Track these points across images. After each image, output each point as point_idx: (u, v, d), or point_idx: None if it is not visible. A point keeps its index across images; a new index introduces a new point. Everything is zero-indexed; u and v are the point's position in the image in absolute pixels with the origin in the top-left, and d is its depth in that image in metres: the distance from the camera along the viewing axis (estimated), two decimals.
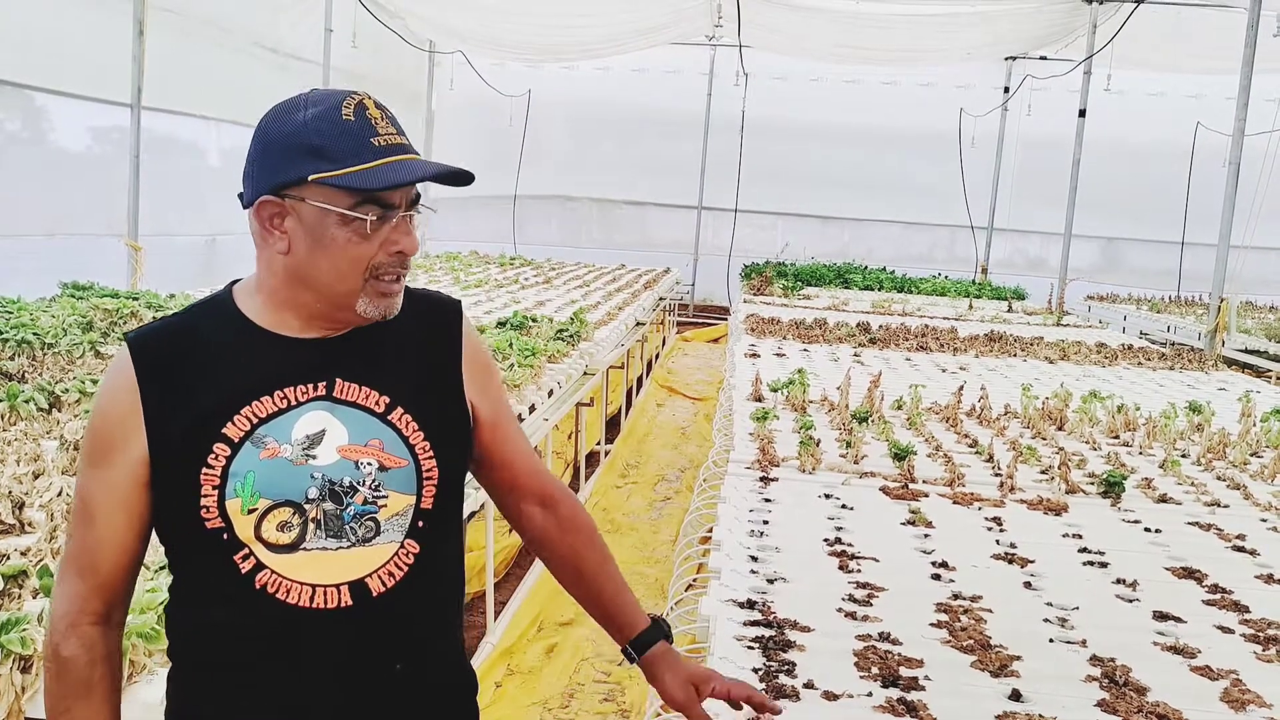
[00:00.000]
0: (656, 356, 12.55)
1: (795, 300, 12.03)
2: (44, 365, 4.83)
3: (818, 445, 4.40)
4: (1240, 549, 3.54)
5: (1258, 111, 9.30)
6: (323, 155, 1.44)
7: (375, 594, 1.48)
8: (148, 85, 8.79)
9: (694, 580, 3.39)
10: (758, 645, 2.47)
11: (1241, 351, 10.79)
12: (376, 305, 1.50)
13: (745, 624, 2.60)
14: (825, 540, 3.34)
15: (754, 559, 3.11)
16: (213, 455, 1.45)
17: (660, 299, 12.13)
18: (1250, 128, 9.19)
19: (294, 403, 1.49)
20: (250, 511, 1.45)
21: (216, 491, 1.44)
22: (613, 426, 8.76)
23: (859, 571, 3.07)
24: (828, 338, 8.60)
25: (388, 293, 1.50)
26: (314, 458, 1.47)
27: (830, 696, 2.24)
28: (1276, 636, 2.74)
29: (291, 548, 1.46)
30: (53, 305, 6.48)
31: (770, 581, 2.93)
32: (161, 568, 2.43)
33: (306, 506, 1.46)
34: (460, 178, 1.51)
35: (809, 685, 2.27)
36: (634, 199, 17.89)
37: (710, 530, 3.57)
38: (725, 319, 14.21)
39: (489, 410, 1.66)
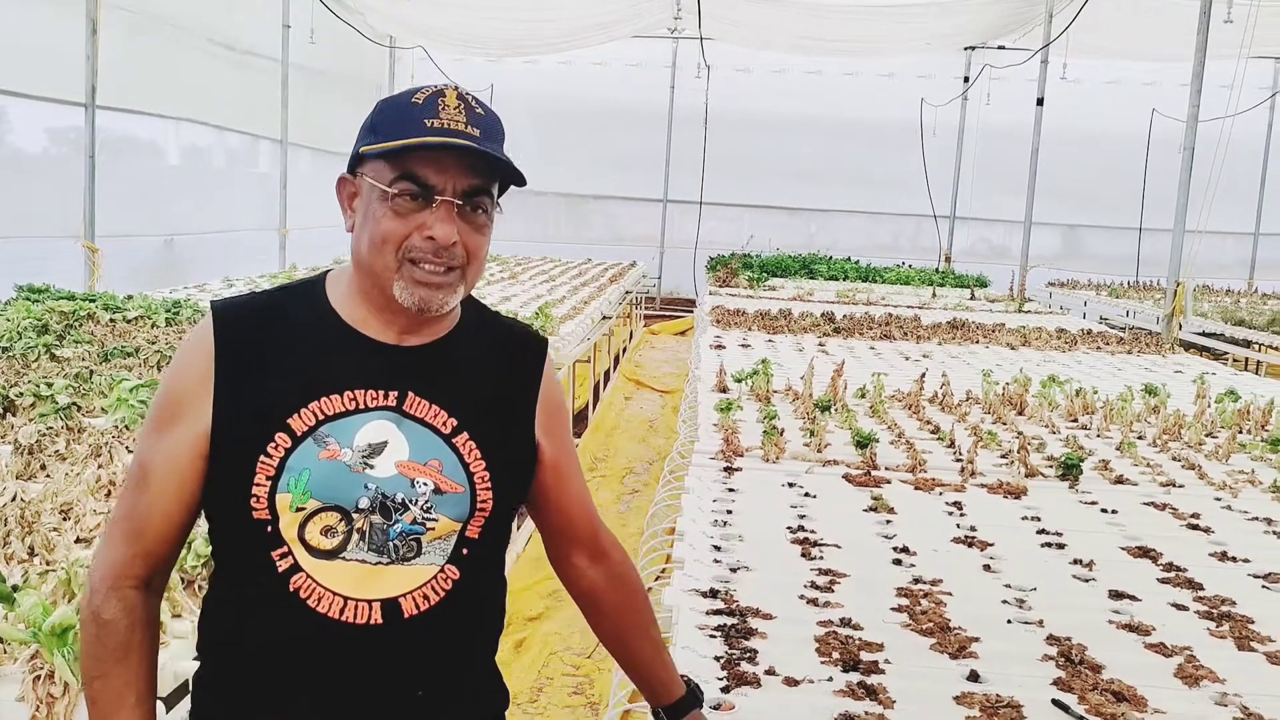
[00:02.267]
0: (624, 350, 12.56)
1: (761, 291, 12.08)
2: None
3: (781, 435, 4.43)
4: (1195, 527, 3.60)
5: (1211, 98, 9.40)
6: (376, 131, 1.45)
7: (407, 615, 1.44)
8: (102, 84, 8.68)
9: (662, 571, 3.40)
10: (720, 634, 2.49)
11: (1198, 335, 10.96)
12: (411, 293, 1.44)
13: (708, 613, 2.62)
14: (788, 528, 3.37)
15: (717, 549, 3.13)
16: (273, 444, 1.42)
17: (626, 292, 12.14)
18: (1204, 114, 9.30)
19: (363, 407, 1.46)
20: (299, 510, 1.42)
21: (270, 482, 1.41)
22: (580, 420, 8.76)
23: (821, 559, 3.10)
24: (793, 328, 8.64)
25: (425, 282, 1.44)
26: (371, 467, 1.44)
27: (791, 682, 2.26)
28: (1229, 613, 2.79)
29: (331, 554, 1.42)
30: (7, 308, 6.38)
31: (733, 570, 2.95)
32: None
33: (355, 515, 1.43)
34: (499, 170, 1.47)
35: (770, 672, 2.29)
36: (599, 193, 17.90)
37: (675, 521, 3.59)
38: (692, 311, 14.23)
39: (553, 453, 1.62)
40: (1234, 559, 3.27)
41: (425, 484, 1.45)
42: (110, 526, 1.50)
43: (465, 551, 1.49)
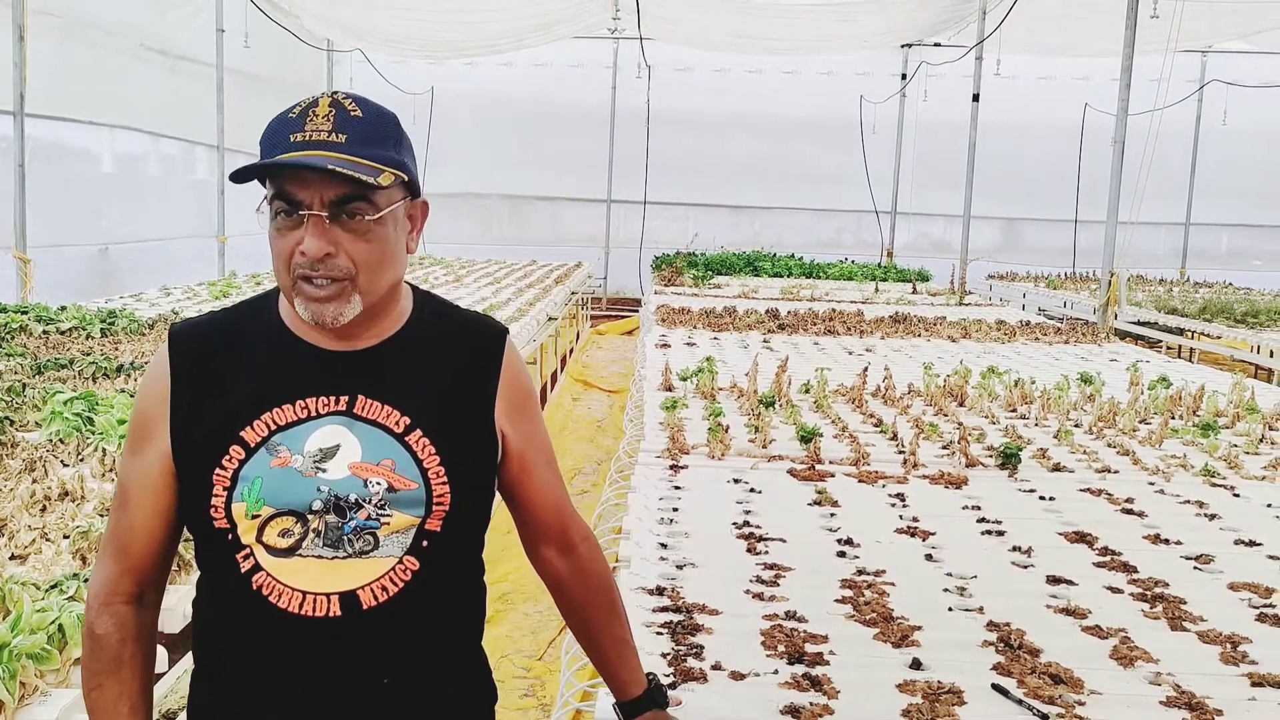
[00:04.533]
0: (570, 351, 12.55)
1: (706, 290, 12.13)
2: None
3: (726, 431, 4.46)
4: (1129, 511, 3.69)
5: (1141, 91, 9.63)
6: (260, 148, 1.47)
7: (365, 607, 1.47)
8: (32, 92, 8.48)
9: (611, 570, 3.41)
10: (666, 630, 2.51)
11: (1133, 324, 11.20)
12: (306, 308, 1.46)
13: (654, 610, 2.63)
14: (734, 524, 3.39)
15: (664, 546, 3.14)
16: (227, 457, 1.47)
17: (572, 293, 12.13)
18: (1134, 107, 9.53)
19: (314, 414, 1.50)
20: (254, 517, 1.47)
21: (226, 493, 1.47)
22: None
23: (767, 553, 3.13)
24: (737, 325, 8.70)
25: (313, 297, 1.45)
26: (324, 471, 1.48)
27: (737, 676, 2.28)
28: (1163, 595, 2.86)
29: (288, 552, 1.47)
30: None
31: (680, 568, 2.97)
32: (53, 586, 2.37)
33: (310, 517, 1.47)
34: (310, 167, 1.42)
35: (716, 667, 2.31)
36: (543, 194, 17.85)
37: (623, 520, 3.60)
38: (638, 311, 14.26)
39: (517, 444, 1.63)
40: (1167, 541, 3.36)
41: (378, 483, 1.48)
42: (101, 547, 1.58)
43: (426, 544, 1.51)
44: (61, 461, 3.50)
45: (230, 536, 1.47)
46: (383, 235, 1.48)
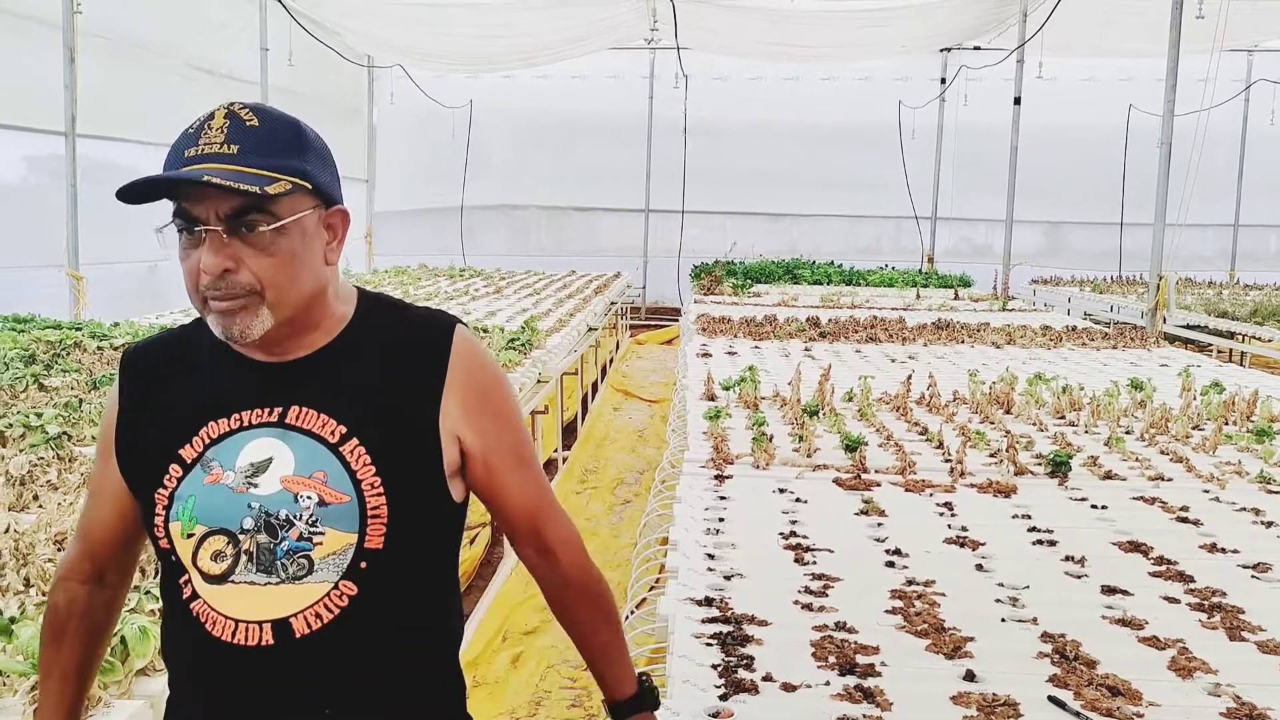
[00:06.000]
0: (610, 361, 12.58)
1: (745, 298, 12.11)
2: None
3: (770, 441, 4.45)
4: (1184, 520, 3.63)
5: (1186, 92, 9.51)
6: (164, 166, 1.42)
7: (299, 635, 1.41)
8: (82, 112, 8.67)
9: (657, 580, 3.41)
10: (716, 641, 2.50)
11: (1182, 327, 11.03)
12: (215, 324, 1.42)
13: (703, 621, 2.63)
14: (780, 534, 3.38)
15: (711, 557, 3.14)
16: (167, 476, 1.46)
17: (611, 303, 12.16)
18: (1180, 108, 9.41)
19: (246, 425, 1.45)
20: (189, 536, 1.44)
21: (165, 512, 1.45)
22: (569, 433, 8.77)
23: (814, 563, 3.11)
24: (778, 334, 8.67)
25: (219, 311, 1.41)
26: (255, 486, 1.43)
27: (789, 688, 2.27)
28: (1220, 604, 2.81)
29: (221, 579, 1.42)
30: None
31: (727, 578, 2.96)
32: None
33: (241, 537, 1.42)
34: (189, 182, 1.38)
35: (768, 678, 2.30)
36: (581, 205, 17.92)
37: (668, 531, 3.60)
38: (677, 320, 14.27)
39: (477, 445, 1.52)
40: (1223, 550, 3.30)
41: (309, 497, 1.42)
42: (74, 529, 1.66)
43: (365, 565, 1.43)
44: None
45: (174, 558, 1.45)
46: (286, 247, 1.41)
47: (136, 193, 1.41)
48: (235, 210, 1.38)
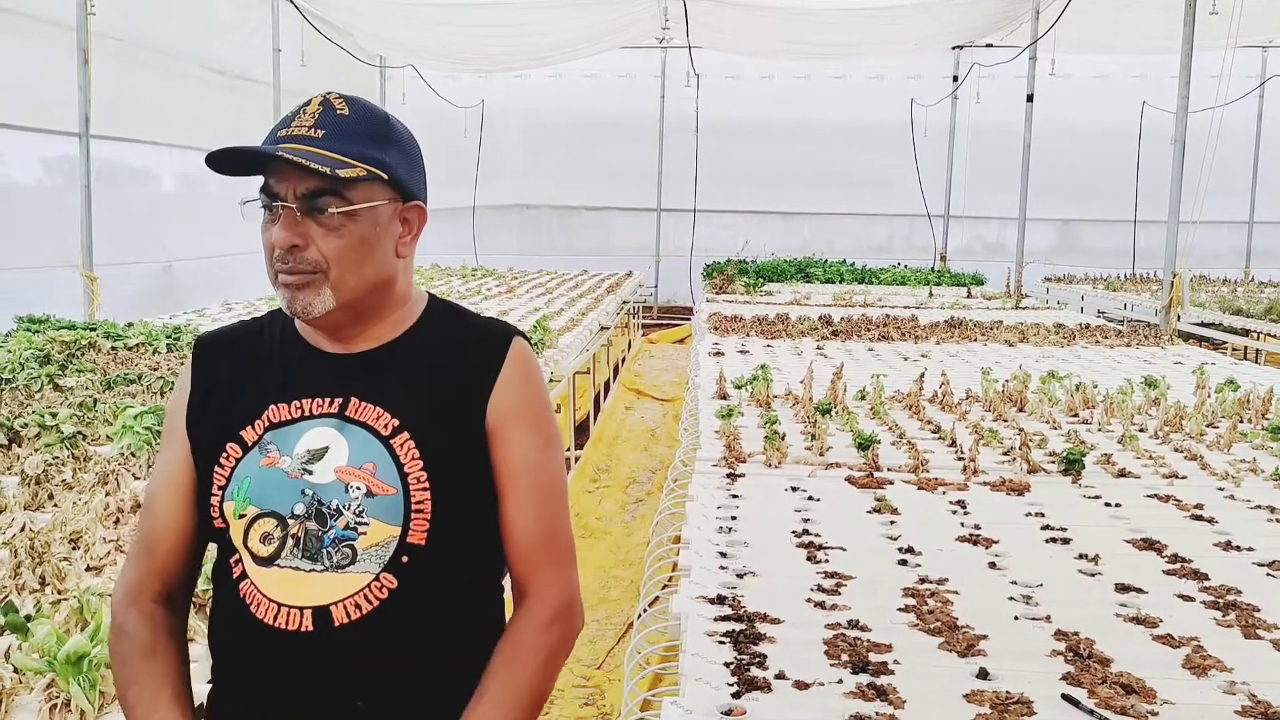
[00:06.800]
0: (623, 360, 12.58)
1: (757, 297, 12.10)
2: (1, 400, 4.78)
3: (783, 439, 4.44)
4: (1199, 518, 3.61)
5: (1201, 88, 9.45)
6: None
7: (338, 624, 1.43)
8: (95, 114, 8.72)
9: (670, 579, 3.41)
10: (729, 640, 2.50)
11: (1197, 325, 10.97)
12: (282, 298, 1.50)
13: (716, 619, 2.63)
14: (793, 532, 3.38)
15: (723, 555, 3.14)
16: (225, 455, 1.51)
17: (624, 302, 12.16)
18: (1194, 105, 9.36)
19: (308, 414, 1.50)
20: (241, 516, 1.47)
21: (221, 491, 1.50)
22: (582, 432, 8.77)
23: (827, 561, 3.11)
24: (790, 332, 8.66)
25: (286, 285, 1.48)
26: (310, 474, 1.47)
27: (801, 686, 2.27)
28: (1235, 602, 2.80)
29: (268, 561, 1.46)
30: (9, 340, 6.41)
31: (740, 576, 2.96)
32: None
33: (290, 521, 1.45)
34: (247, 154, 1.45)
35: (780, 676, 2.30)
36: (593, 204, 17.93)
37: (681, 529, 3.60)
38: (689, 319, 14.26)
39: (504, 463, 1.52)
40: (1238, 548, 3.28)
41: (358, 488, 1.45)
42: (129, 552, 1.60)
43: (406, 559, 1.45)
44: (133, 475, 3.58)
45: (227, 537, 1.49)
46: (355, 231, 1.46)
47: (226, 161, 1.46)
48: (311, 191, 1.45)
